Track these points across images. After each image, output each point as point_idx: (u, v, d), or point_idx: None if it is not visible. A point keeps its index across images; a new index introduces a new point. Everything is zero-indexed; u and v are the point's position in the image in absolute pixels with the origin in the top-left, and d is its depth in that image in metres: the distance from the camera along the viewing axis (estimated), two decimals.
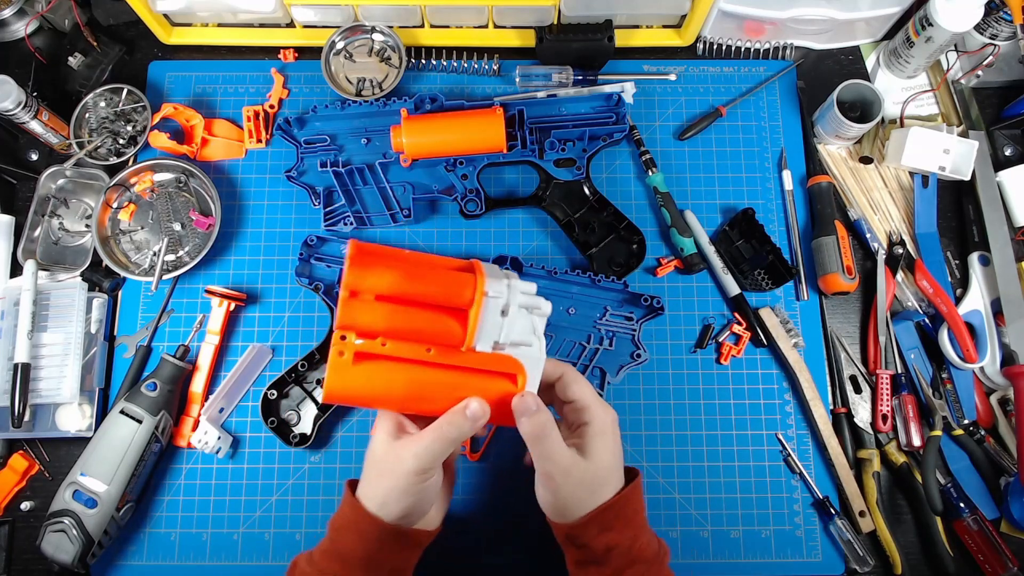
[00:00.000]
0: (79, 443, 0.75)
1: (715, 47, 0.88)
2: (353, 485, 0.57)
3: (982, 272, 0.80)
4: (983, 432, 0.76)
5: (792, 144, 0.85)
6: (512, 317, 0.56)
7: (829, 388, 0.78)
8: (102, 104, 0.84)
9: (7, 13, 0.86)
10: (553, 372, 0.58)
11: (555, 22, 0.85)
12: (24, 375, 0.73)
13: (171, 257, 0.80)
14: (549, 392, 0.59)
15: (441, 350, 0.55)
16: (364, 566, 0.54)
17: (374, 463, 0.55)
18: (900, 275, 0.81)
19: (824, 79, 0.87)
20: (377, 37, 0.87)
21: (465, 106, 0.81)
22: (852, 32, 0.88)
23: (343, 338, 0.54)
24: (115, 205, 0.82)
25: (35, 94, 0.80)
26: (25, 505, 0.76)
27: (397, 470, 0.53)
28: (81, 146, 0.82)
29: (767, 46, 0.88)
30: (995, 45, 0.83)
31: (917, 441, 0.75)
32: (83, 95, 0.84)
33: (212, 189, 0.81)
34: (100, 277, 0.80)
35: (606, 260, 0.79)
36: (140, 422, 0.71)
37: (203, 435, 0.74)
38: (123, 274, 0.79)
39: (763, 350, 0.79)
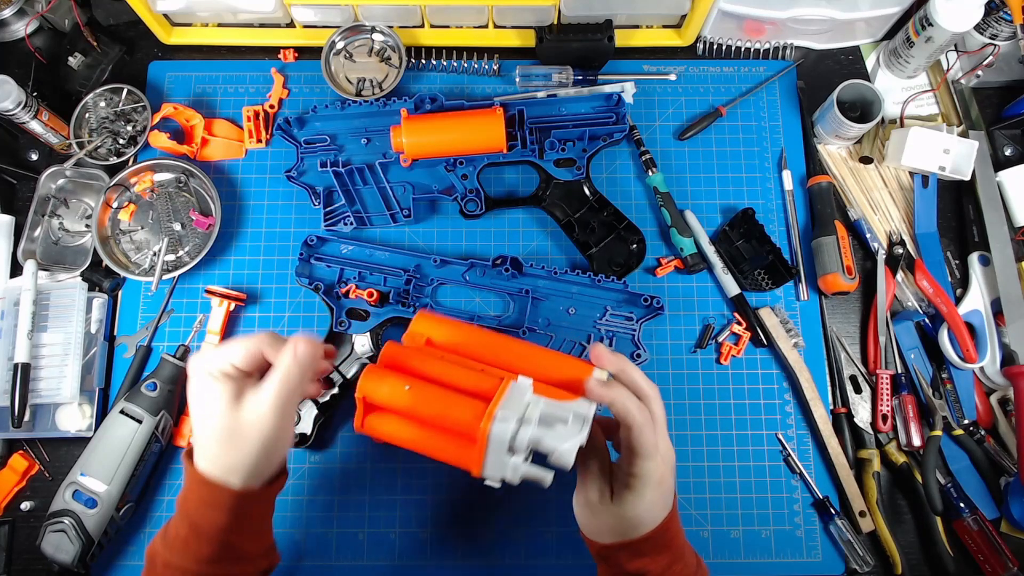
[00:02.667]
0: (79, 443, 0.75)
1: (715, 47, 0.88)
2: (192, 454, 0.53)
3: (982, 272, 0.80)
4: (983, 432, 0.76)
5: (792, 144, 0.85)
6: (522, 452, 0.51)
7: (829, 388, 0.78)
8: (102, 104, 0.84)
9: (7, 13, 0.86)
10: (622, 407, 0.52)
11: (555, 22, 0.85)
12: (24, 375, 0.73)
13: (171, 257, 0.80)
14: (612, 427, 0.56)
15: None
16: (230, 535, 0.51)
17: (220, 434, 0.50)
18: (900, 275, 0.81)
19: (824, 79, 0.87)
20: (377, 37, 0.87)
21: (465, 106, 0.81)
22: (852, 32, 0.88)
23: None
24: (115, 205, 0.82)
25: (35, 94, 0.80)
26: (25, 505, 0.76)
27: (254, 434, 0.50)
28: (81, 146, 0.82)
29: (767, 46, 0.88)
30: (995, 45, 0.83)
31: (917, 441, 0.75)
32: (83, 95, 0.84)
33: (212, 189, 0.81)
34: (100, 277, 0.80)
35: (606, 260, 0.79)
36: (140, 422, 0.71)
37: None
38: (123, 274, 0.79)
39: (763, 350, 0.79)
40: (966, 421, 0.77)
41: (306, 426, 0.75)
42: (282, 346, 0.53)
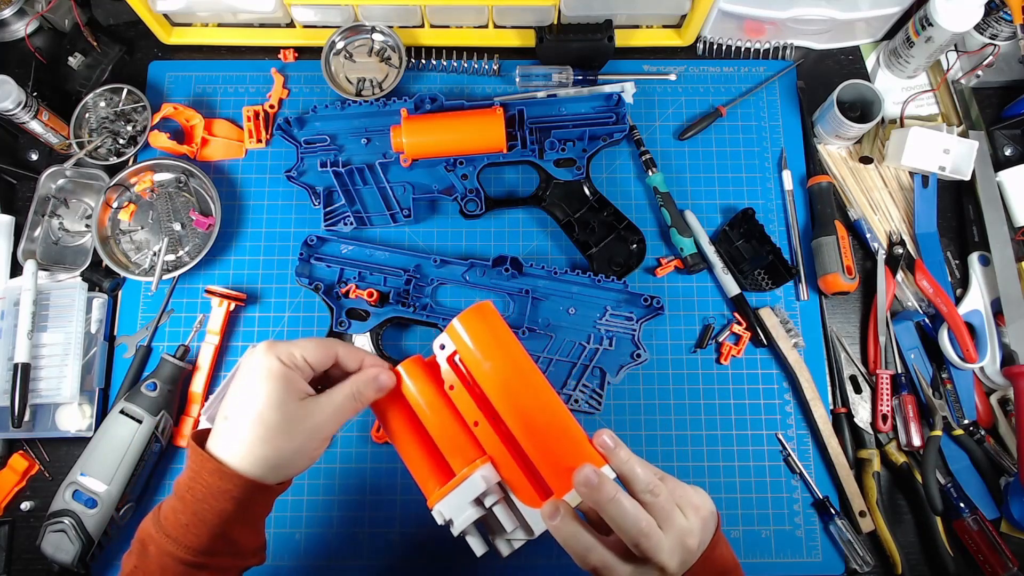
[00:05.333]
0: (79, 443, 0.75)
1: (715, 47, 0.88)
2: (200, 440, 0.52)
3: (982, 272, 0.80)
4: (983, 432, 0.76)
5: (792, 144, 0.85)
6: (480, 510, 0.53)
7: (829, 388, 0.78)
8: (102, 104, 0.84)
9: (7, 13, 0.86)
10: (619, 524, 0.49)
11: (555, 22, 0.85)
12: (24, 375, 0.73)
13: (171, 257, 0.80)
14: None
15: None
16: (232, 526, 0.51)
17: (270, 426, 0.50)
18: (900, 275, 0.81)
19: (824, 79, 0.87)
20: (377, 37, 0.87)
21: (465, 106, 0.81)
22: (852, 32, 0.88)
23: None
24: (115, 205, 0.82)
25: (35, 94, 0.80)
26: (25, 505, 0.76)
27: (307, 433, 0.50)
28: (81, 146, 0.82)
29: (767, 46, 0.88)
30: (995, 45, 0.83)
31: (917, 441, 0.75)
32: (83, 95, 0.84)
33: (212, 189, 0.81)
34: (100, 277, 0.80)
35: (606, 260, 0.79)
36: (140, 422, 0.71)
37: None
38: (123, 274, 0.79)
39: (763, 350, 0.79)
40: (966, 421, 0.77)
41: None
42: (359, 358, 0.55)
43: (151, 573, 0.50)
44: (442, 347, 0.56)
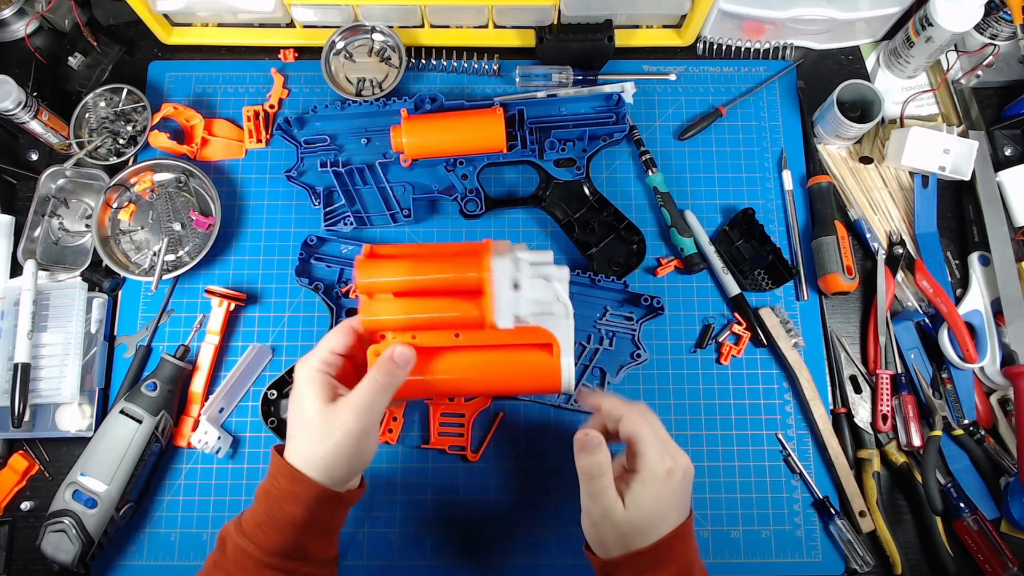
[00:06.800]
0: (79, 443, 0.75)
1: (715, 47, 0.88)
2: (281, 450, 0.56)
3: (982, 272, 0.80)
4: (983, 432, 0.76)
5: (792, 144, 0.85)
6: (526, 289, 0.56)
7: (829, 388, 0.78)
8: (102, 104, 0.84)
9: (7, 13, 0.86)
10: (613, 411, 0.57)
11: (555, 22, 0.85)
12: (24, 375, 0.73)
13: (171, 257, 0.80)
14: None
15: (469, 334, 0.57)
16: (302, 532, 0.53)
17: (311, 429, 0.54)
18: (900, 275, 0.81)
19: (824, 79, 0.87)
20: (377, 37, 0.87)
21: (465, 106, 0.81)
22: (852, 32, 0.88)
23: (383, 337, 0.57)
24: (115, 205, 0.82)
25: (35, 94, 0.80)
26: (25, 505, 0.76)
27: (339, 432, 0.53)
28: (81, 146, 0.82)
29: (767, 46, 0.88)
30: (995, 45, 0.83)
31: (917, 441, 0.75)
32: (83, 95, 0.84)
33: (212, 189, 0.81)
34: (100, 277, 0.80)
35: (606, 260, 0.79)
36: (140, 422, 0.71)
37: (203, 435, 0.74)
38: (123, 274, 0.79)
39: (763, 350, 0.79)
40: (966, 421, 0.77)
41: None
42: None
43: (228, 570, 0.53)
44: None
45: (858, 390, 0.79)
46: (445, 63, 0.87)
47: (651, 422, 0.56)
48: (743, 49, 0.88)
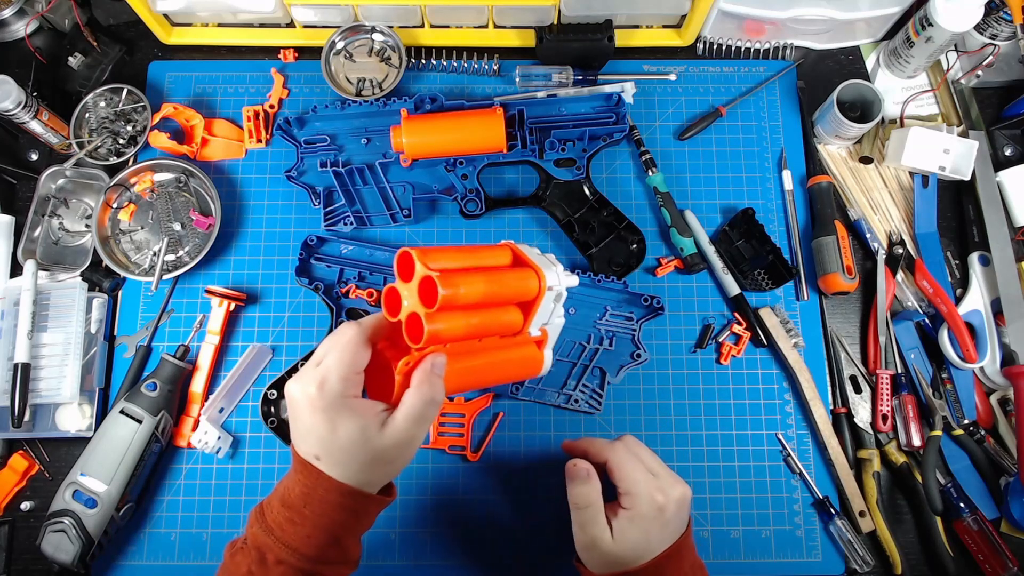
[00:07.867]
0: (79, 443, 0.75)
1: (715, 47, 0.88)
2: (309, 464, 0.54)
3: (982, 272, 0.80)
4: (983, 432, 0.76)
5: (792, 144, 0.85)
6: (560, 300, 0.63)
7: (829, 388, 0.78)
8: (102, 104, 0.84)
9: (7, 13, 0.86)
10: (599, 455, 0.60)
11: (555, 22, 0.85)
12: (24, 375, 0.73)
13: (171, 257, 0.80)
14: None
15: (489, 340, 0.60)
16: (350, 536, 0.55)
17: (368, 457, 0.52)
18: (900, 275, 0.81)
19: (824, 79, 0.87)
20: (377, 37, 0.87)
21: (465, 106, 0.81)
22: (852, 32, 0.88)
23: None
24: (115, 205, 0.82)
25: (35, 94, 0.80)
26: (25, 505, 0.76)
27: (401, 458, 0.54)
28: (81, 146, 0.82)
29: (767, 46, 0.88)
30: (995, 45, 0.83)
31: (917, 441, 0.75)
32: (83, 95, 0.84)
33: (212, 189, 0.81)
34: (100, 277, 0.80)
35: (606, 260, 0.79)
36: (140, 422, 0.71)
37: (203, 435, 0.74)
38: (123, 274, 0.79)
39: (763, 350, 0.79)
40: (966, 421, 0.77)
41: None
42: (376, 318, 0.57)
43: None
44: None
45: (858, 390, 0.79)
46: (445, 63, 0.87)
47: (640, 456, 0.58)
48: (743, 49, 0.88)
